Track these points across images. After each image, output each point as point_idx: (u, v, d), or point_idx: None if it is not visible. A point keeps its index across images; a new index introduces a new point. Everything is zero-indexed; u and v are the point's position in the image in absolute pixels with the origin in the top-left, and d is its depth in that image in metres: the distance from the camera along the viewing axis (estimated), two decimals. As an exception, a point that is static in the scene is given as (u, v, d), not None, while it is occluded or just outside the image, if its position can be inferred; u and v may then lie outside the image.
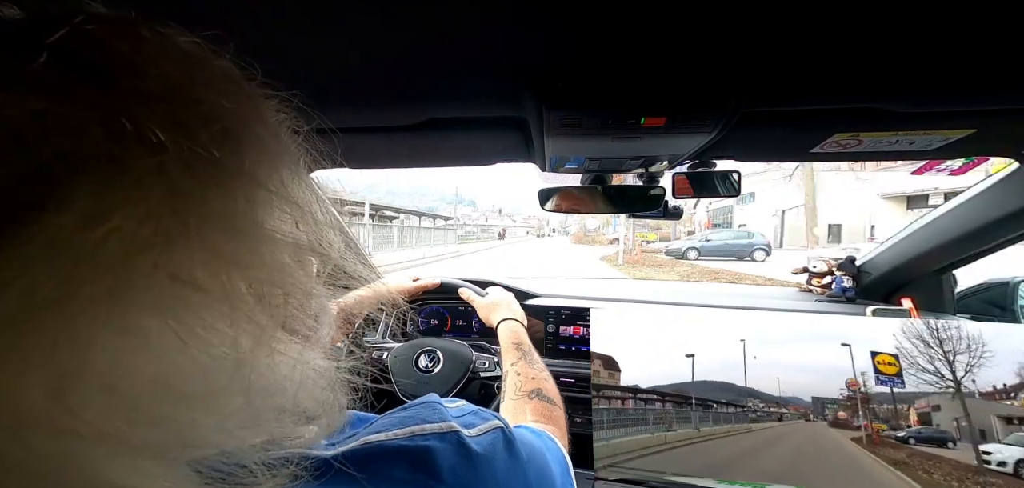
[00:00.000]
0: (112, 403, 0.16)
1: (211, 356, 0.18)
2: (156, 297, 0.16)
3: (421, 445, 0.28)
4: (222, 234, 0.19)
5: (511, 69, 0.50)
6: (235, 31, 0.21)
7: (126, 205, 0.15)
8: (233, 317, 0.19)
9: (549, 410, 0.59)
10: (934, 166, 0.85)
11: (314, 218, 0.25)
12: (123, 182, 0.15)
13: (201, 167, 0.18)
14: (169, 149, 0.16)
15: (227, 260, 0.19)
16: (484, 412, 0.35)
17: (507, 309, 0.90)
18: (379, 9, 0.39)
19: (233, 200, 0.19)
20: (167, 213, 0.16)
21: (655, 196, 0.88)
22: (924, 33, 0.42)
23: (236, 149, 0.20)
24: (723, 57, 0.47)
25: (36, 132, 0.14)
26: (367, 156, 0.86)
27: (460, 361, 0.96)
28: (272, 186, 0.22)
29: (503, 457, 0.32)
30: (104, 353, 0.15)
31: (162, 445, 0.18)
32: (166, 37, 0.19)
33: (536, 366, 0.69)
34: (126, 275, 0.15)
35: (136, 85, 0.17)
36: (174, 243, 0.16)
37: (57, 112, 0.15)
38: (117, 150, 0.15)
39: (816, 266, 1.32)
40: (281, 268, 0.22)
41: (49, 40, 0.15)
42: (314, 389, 0.25)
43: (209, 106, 0.19)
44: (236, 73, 0.22)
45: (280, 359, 0.22)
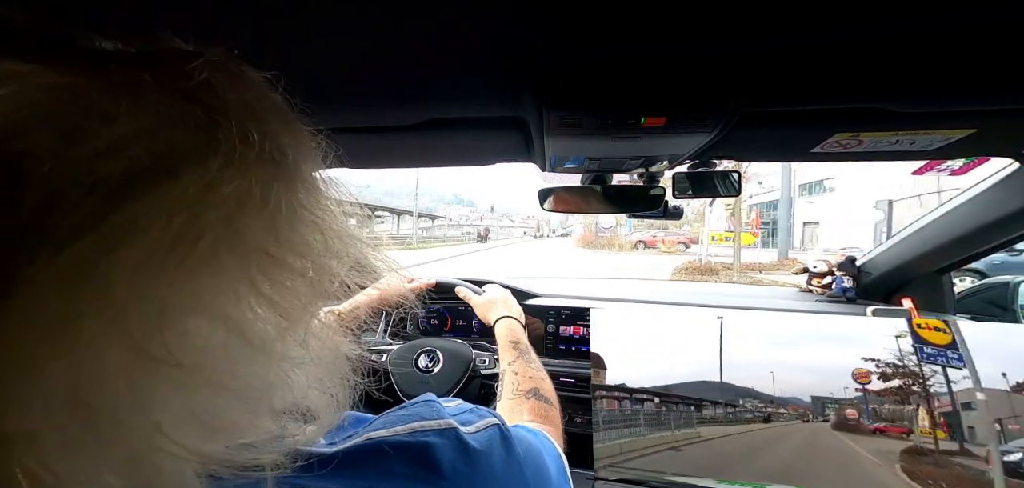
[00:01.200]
0: (200, 334, 0.19)
1: (275, 315, 0.22)
2: (247, 253, 0.21)
3: (421, 441, 0.29)
4: (288, 219, 0.23)
5: (511, 69, 0.50)
6: (236, 30, 0.21)
7: (236, 178, 0.20)
8: (298, 286, 0.23)
9: (546, 410, 0.59)
10: (934, 166, 0.85)
11: (338, 216, 0.28)
12: (231, 164, 0.20)
13: (272, 165, 0.23)
14: (256, 147, 0.22)
15: (291, 241, 0.23)
16: (481, 410, 0.36)
17: (504, 307, 0.90)
18: (379, 9, 0.39)
19: (297, 193, 0.24)
20: (258, 189, 0.21)
21: (655, 196, 0.88)
22: (924, 32, 0.42)
23: (292, 157, 0.24)
24: (723, 56, 0.47)
25: (174, 124, 0.20)
26: (367, 156, 0.86)
27: (460, 360, 0.96)
28: (317, 187, 0.27)
29: (500, 454, 0.33)
30: (206, 288, 0.19)
31: (228, 388, 0.21)
32: (244, 70, 0.25)
33: (533, 365, 0.69)
34: (232, 231, 0.20)
35: (230, 102, 0.22)
36: (263, 212, 0.21)
37: (182, 115, 0.20)
38: (229, 143, 0.21)
39: (816, 266, 1.32)
40: (324, 255, 0.26)
41: (194, 75, 0.21)
42: (342, 362, 0.28)
43: (271, 125, 0.24)
44: (284, 104, 0.27)
45: (321, 329, 0.26)
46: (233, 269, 0.20)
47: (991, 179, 0.91)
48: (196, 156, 0.20)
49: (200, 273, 0.19)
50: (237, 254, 0.21)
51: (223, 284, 0.20)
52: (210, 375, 0.20)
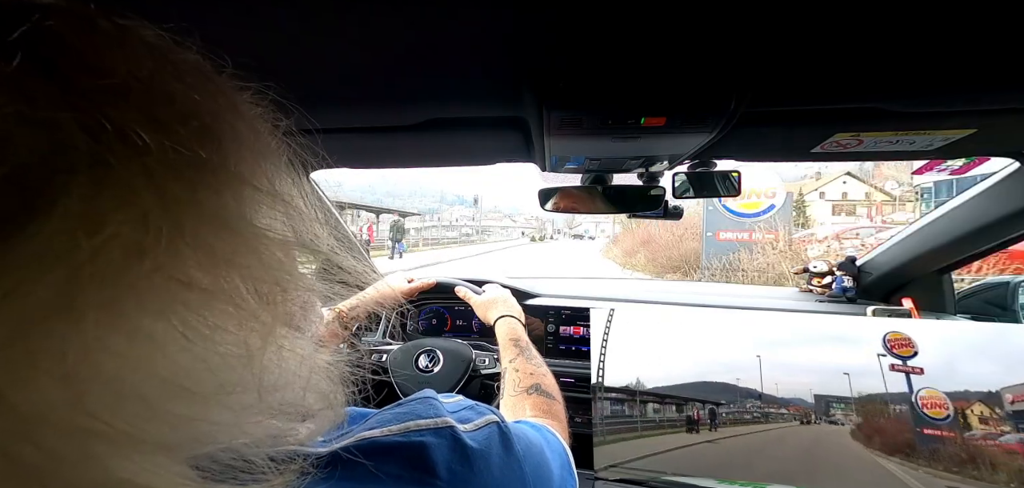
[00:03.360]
0: (126, 403, 0.16)
1: (220, 354, 0.18)
2: (159, 300, 0.16)
3: (416, 441, 0.28)
4: (216, 234, 0.19)
5: (511, 69, 0.50)
6: (234, 31, 0.21)
7: (119, 209, 0.15)
8: (237, 315, 0.19)
9: (549, 404, 0.58)
10: (935, 166, 0.86)
11: (301, 213, 0.25)
12: (111, 185, 0.15)
13: (186, 167, 0.17)
14: (153, 149, 0.16)
15: (223, 259, 0.19)
16: (480, 407, 0.35)
17: (504, 306, 0.90)
18: (379, 9, 0.39)
19: (223, 199, 0.19)
20: (160, 215, 0.16)
21: (655, 196, 0.88)
22: (924, 32, 0.42)
23: (218, 146, 0.19)
24: (723, 56, 0.47)
25: (10, 135, 0.13)
26: (367, 156, 0.86)
27: (460, 360, 0.96)
28: (258, 182, 0.22)
29: (499, 452, 0.32)
30: (114, 356, 0.15)
31: (177, 442, 0.18)
32: (129, 29, 0.18)
33: (534, 361, 0.69)
34: (127, 281, 0.15)
35: (104, 81, 0.15)
36: (171, 245, 0.16)
37: (27, 113, 0.14)
38: (101, 152, 0.15)
39: (816, 266, 1.32)
40: (277, 265, 0.22)
41: (8, 38, 0.14)
42: (320, 383, 0.25)
43: (183, 102, 0.18)
44: (206, 66, 0.21)
45: (287, 354, 0.22)
46: (147, 320, 0.16)
47: (991, 179, 0.92)
48: (60, 182, 0.14)
49: (105, 338, 0.15)
50: (150, 303, 0.16)
51: (140, 340, 0.16)
52: (154, 430, 0.17)
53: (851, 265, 1.25)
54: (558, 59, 0.47)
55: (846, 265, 1.26)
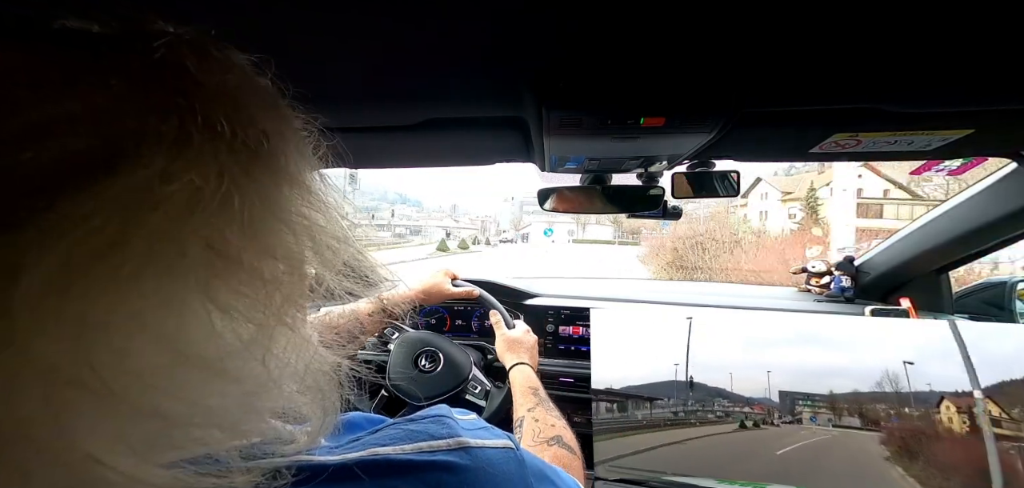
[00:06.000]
0: (129, 358, 0.17)
1: (233, 331, 0.21)
2: (196, 258, 0.19)
3: (429, 460, 0.27)
4: (261, 216, 0.22)
5: (511, 68, 0.50)
6: (234, 28, 0.22)
7: (190, 169, 0.19)
8: (255, 299, 0.21)
9: (570, 459, 0.57)
10: (933, 166, 0.86)
11: (330, 216, 0.27)
12: (190, 154, 0.19)
13: (248, 156, 0.21)
14: (227, 136, 0.20)
15: (262, 242, 0.22)
16: (495, 430, 0.34)
17: (527, 353, 0.88)
18: (379, 9, 0.39)
19: (274, 187, 0.23)
20: (217, 183, 0.19)
21: (654, 196, 0.88)
22: (922, 32, 0.42)
23: (273, 147, 0.23)
24: (722, 57, 0.47)
25: (121, 110, 0.18)
26: (367, 156, 0.86)
27: (456, 373, 0.94)
28: (304, 182, 0.25)
29: (516, 473, 0.31)
30: (140, 299, 0.17)
31: (168, 417, 0.19)
32: (227, 53, 0.23)
33: (553, 414, 0.67)
34: (179, 233, 0.18)
35: (202, 86, 0.21)
36: (222, 209, 0.20)
37: (140, 100, 0.19)
38: (188, 129, 0.19)
39: (815, 266, 1.32)
40: (303, 258, 0.24)
41: (155, 53, 0.20)
42: (319, 376, 0.26)
43: (252, 111, 0.23)
44: (274, 91, 0.26)
45: (291, 351, 0.24)
46: (181, 276, 0.18)
47: (989, 179, 0.92)
48: (140, 148, 0.18)
49: (137, 283, 0.17)
50: (189, 258, 0.19)
51: (167, 294, 0.18)
52: (149, 400, 0.18)
53: (849, 265, 1.26)
54: (558, 58, 0.47)
55: (844, 265, 1.26)
